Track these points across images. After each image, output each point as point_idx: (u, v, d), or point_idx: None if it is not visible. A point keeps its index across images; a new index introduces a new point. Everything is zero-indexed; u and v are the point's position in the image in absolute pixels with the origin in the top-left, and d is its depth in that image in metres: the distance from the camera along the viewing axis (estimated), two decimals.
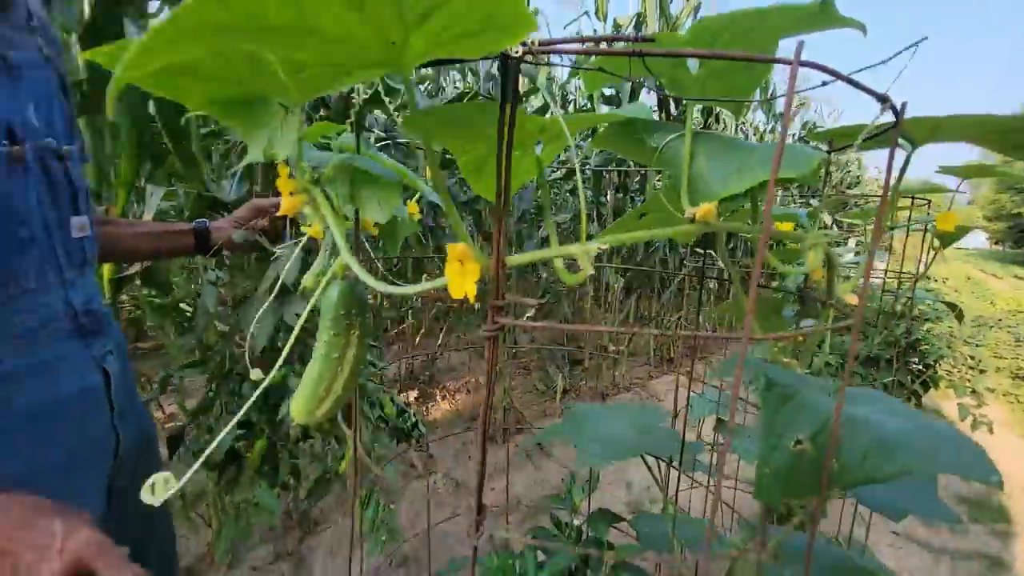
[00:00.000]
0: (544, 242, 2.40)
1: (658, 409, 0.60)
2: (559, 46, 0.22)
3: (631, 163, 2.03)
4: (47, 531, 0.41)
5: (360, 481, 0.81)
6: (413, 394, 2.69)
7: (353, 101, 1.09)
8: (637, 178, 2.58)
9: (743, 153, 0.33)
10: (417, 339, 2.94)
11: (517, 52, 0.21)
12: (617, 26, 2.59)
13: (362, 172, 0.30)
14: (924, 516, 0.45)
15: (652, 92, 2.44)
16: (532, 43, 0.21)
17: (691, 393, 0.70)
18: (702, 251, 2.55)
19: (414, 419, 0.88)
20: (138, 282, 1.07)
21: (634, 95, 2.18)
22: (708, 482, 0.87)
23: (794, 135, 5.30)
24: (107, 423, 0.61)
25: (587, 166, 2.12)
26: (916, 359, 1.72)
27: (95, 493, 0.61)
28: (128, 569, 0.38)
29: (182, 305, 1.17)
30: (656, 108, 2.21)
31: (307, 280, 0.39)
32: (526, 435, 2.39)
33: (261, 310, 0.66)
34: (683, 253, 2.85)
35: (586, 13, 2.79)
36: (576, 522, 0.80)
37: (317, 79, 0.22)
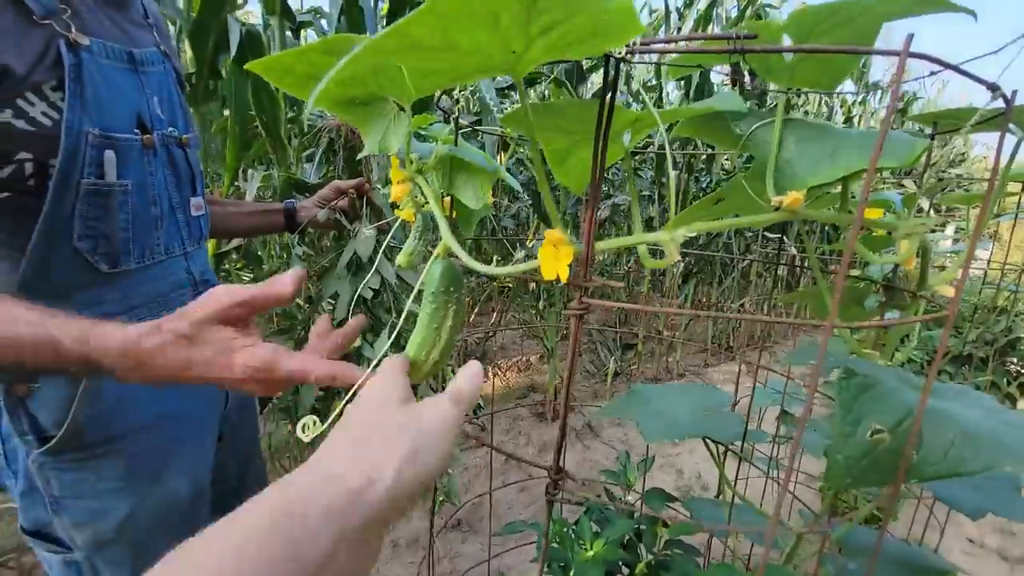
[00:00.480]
0: (601, 228, 2.37)
1: (723, 393, 0.60)
2: (658, 45, 0.23)
3: (697, 143, 1.94)
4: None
5: None
6: None
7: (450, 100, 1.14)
8: (703, 158, 2.46)
9: (836, 139, 0.32)
10: (471, 317, 3.04)
11: (620, 52, 0.22)
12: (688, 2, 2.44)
13: (459, 162, 0.33)
14: (1005, 515, 0.43)
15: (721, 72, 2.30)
16: (634, 43, 0.22)
17: (756, 383, 0.69)
18: (774, 236, 2.41)
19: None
20: (235, 256, 1.19)
21: (703, 76, 2.07)
22: (768, 472, 0.86)
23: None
24: None
25: (650, 147, 2.06)
26: (1015, 359, 1.55)
27: (209, 440, 0.70)
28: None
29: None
30: (728, 83, 2.08)
31: (401, 259, 0.43)
32: (576, 415, 2.43)
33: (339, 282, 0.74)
34: (748, 238, 2.70)
35: None
36: (629, 499, 0.82)
37: (438, 82, 0.24)
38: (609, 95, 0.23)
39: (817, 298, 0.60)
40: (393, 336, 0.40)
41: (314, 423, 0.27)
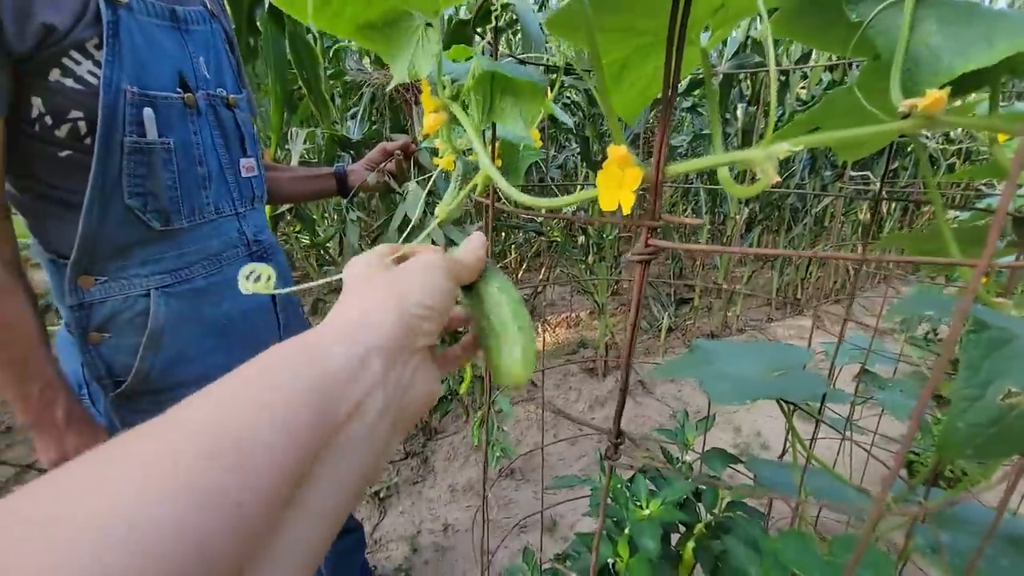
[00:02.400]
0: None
1: (799, 350, 0.54)
2: None
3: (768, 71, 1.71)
4: None
5: (475, 403, 0.88)
6: None
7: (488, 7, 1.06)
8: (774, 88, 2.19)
9: (989, 20, 0.24)
10: (519, 274, 3.02)
11: None
12: None
13: (502, 82, 0.28)
14: None
15: None
16: None
17: (841, 338, 0.62)
18: (856, 174, 2.15)
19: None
20: (289, 217, 1.22)
21: None
22: (845, 434, 0.79)
23: None
24: (275, 335, 0.73)
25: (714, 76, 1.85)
26: None
27: None
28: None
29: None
30: None
31: (439, 211, 0.40)
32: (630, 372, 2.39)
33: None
34: (826, 177, 2.42)
35: None
36: (687, 459, 0.79)
37: None
38: None
39: (925, 240, 0.50)
40: None
41: (268, 277, 0.27)
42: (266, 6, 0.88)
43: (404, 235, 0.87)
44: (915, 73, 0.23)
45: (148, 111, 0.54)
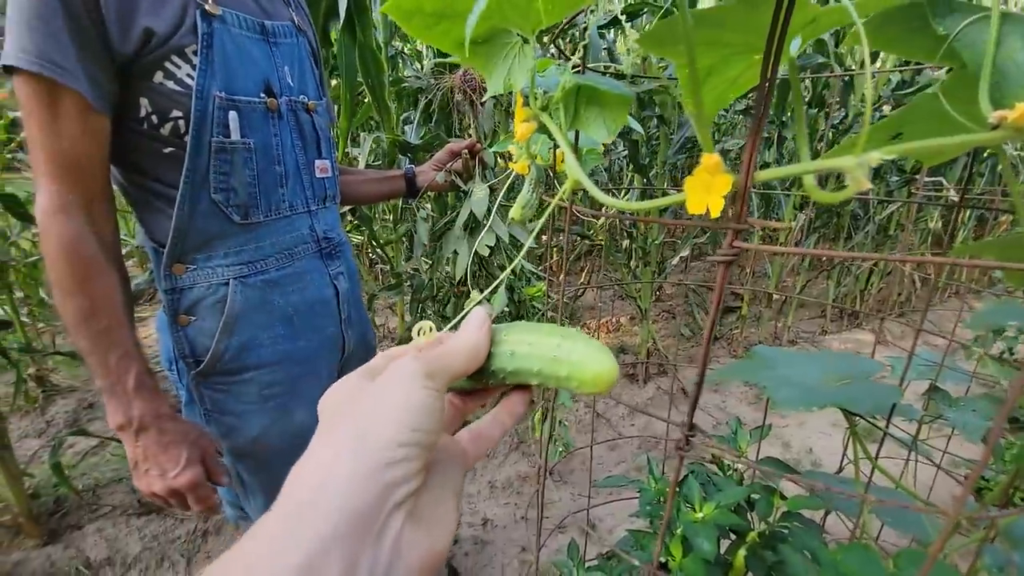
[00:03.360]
0: None
1: (867, 360, 0.53)
2: None
3: (833, 70, 1.64)
4: None
5: (537, 401, 0.90)
6: None
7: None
8: (838, 88, 2.09)
9: None
10: (560, 276, 3.03)
11: None
12: None
13: (587, 93, 0.30)
14: None
15: None
16: None
17: (913, 351, 0.59)
18: (928, 180, 2.01)
19: None
20: (350, 217, 1.29)
21: None
22: (911, 453, 0.75)
23: None
24: (337, 327, 0.77)
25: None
26: None
27: (328, 381, 0.78)
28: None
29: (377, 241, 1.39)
30: None
31: (514, 211, 0.43)
32: (669, 378, 2.35)
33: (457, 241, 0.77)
34: (892, 183, 2.28)
35: None
36: (739, 467, 0.78)
37: (565, 3, 0.22)
38: None
39: (1009, 248, 0.48)
40: (487, 291, 0.40)
41: (430, 329, 0.26)
42: (341, 21, 0.94)
43: (469, 231, 0.91)
44: (1003, 86, 0.23)
45: (233, 114, 0.59)
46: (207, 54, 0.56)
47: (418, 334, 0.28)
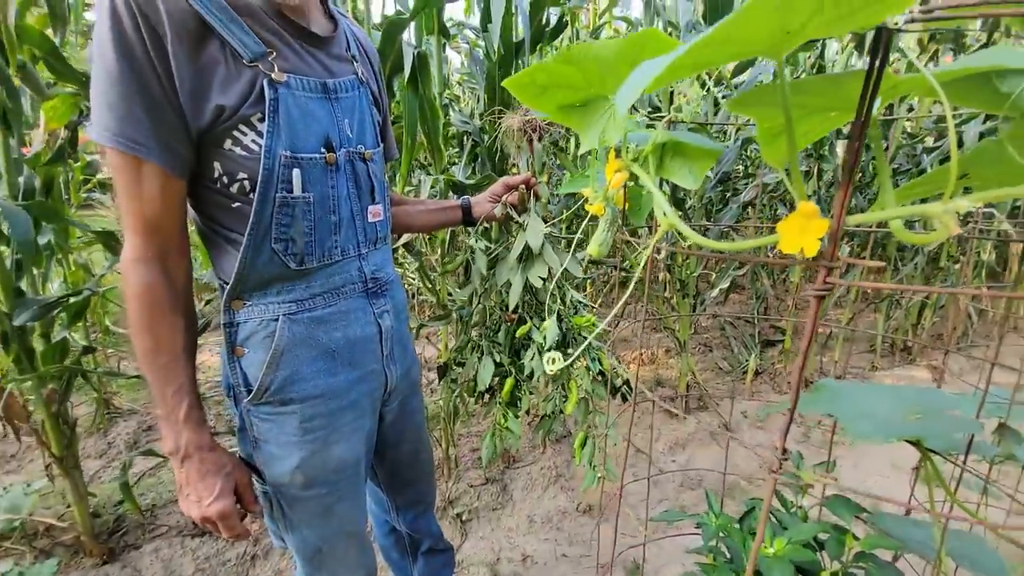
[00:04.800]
0: (744, 210, 2.16)
1: (940, 393, 0.52)
2: (941, 12, 0.22)
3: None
4: None
5: (577, 423, 0.91)
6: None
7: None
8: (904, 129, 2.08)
9: None
10: (596, 306, 3.03)
11: (896, 23, 0.22)
12: None
13: (674, 147, 0.34)
14: None
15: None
16: (911, 11, 0.21)
17: (987, 387, 0.58)
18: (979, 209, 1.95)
19: (625, 377, 0.95)
20: (401, 249, 1.37)
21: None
22: (984, 494, 0.72)
23: None
24: (379, 363, 0.79)
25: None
26: None
27: (370, 413, 0.79)
28: None
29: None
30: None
31: (591, 248, 0.46)
32: (710, 412, 2.28)
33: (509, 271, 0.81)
34: None
35: None
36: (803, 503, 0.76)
37: (683, 74, 0.26)
38: (878, 65, 0.23)
39: None
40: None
41: (560, 358, 0.30)
42: (406, 76, 1.04)
43: (523, 263, 0.96)
44: None
45: (296, 171, 0.63)
46: (274, 118, 0.61)
47: (550, 363, 0.32)
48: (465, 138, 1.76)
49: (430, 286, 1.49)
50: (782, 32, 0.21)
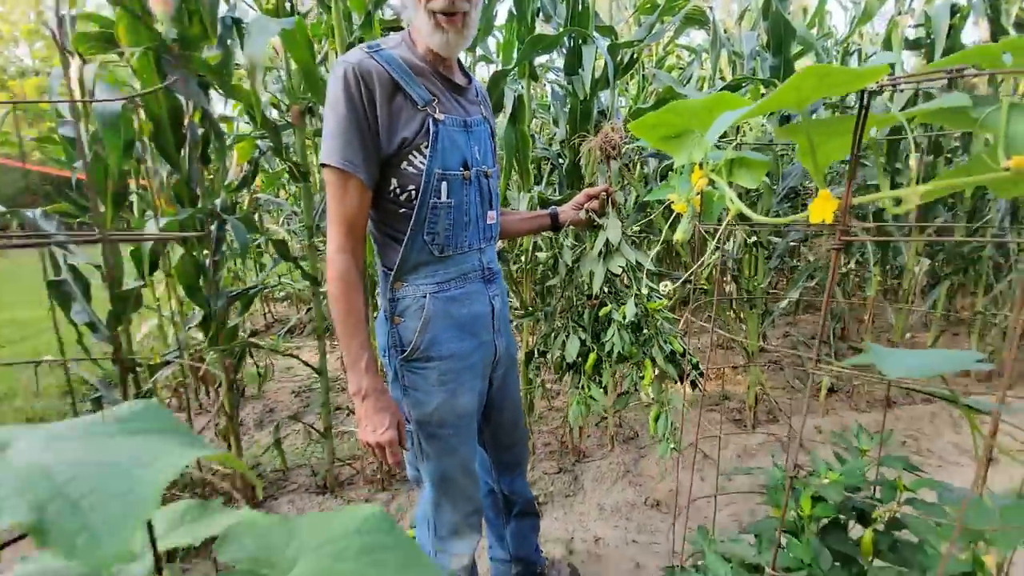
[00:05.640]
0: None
1: (966, 353, 0.64)
2: (901, 78, 0.39)
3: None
4: None
5: (653, 399, 1.07)
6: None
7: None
8: (956, 136, 2.07)
9: None
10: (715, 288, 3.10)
11: (873, 87, 0.40)
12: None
13: (740, 161, 0.53)
14: None
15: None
16: (881, 81, 0.39)
17: None
18: None
19: (694, 360, 1.09)
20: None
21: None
22: None
23: None
24: (491, 336, 1.03)
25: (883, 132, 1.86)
26: None
27: (482, 376, 1.03)
28: None
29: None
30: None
31: (677, 235, 0.65)
32: (780, 425, 2.28)
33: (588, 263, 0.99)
34: None
35: None
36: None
37: (741, 118, 0.46)
38: (864, 113, 0.40)
39: None
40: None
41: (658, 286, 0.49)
42: (507, 115, 1.30)
43: (604, 256, 1.16)
44: (1011, 147, 0.41)
45: (444, 183, 0.89)
46: (434, 146, 0.87)
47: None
48: (543, 162, 2.01)
49: (515, 289, 1.71)
50: (800, 99, 0.39)
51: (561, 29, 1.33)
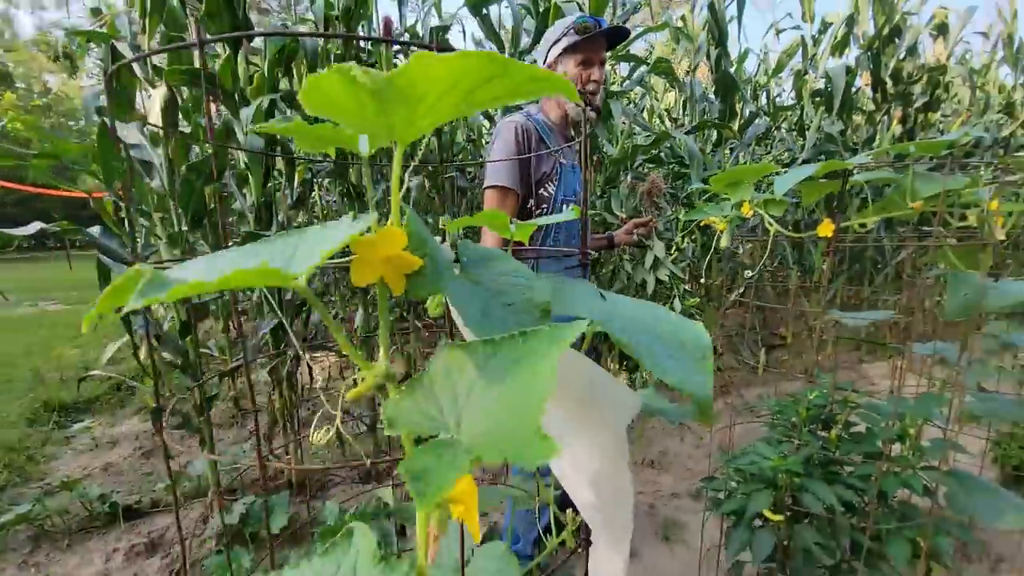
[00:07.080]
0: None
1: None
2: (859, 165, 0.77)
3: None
4: None
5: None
6: None
7: None
8: None
9: (943, 179, 0.81)
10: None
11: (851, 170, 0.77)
12: (825, 25, 2.78)
13: (770, 201, 0.89)
14: None
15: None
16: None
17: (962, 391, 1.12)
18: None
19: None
20: None
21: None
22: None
23: None
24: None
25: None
26: None
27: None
28: None
29: None
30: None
31: (723, 241, 1.01)
32: (735, 396, 2.79)
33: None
34: (901, 232, 2.83)
35: (788, 15, 3.01)
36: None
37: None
38: (845, 184, 0.78)
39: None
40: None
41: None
42: None
43: (652, 267, 1.50)
44: (912, 195, 0.80)
45: (564, 205, 1.25)
46: (558, 180, 1.25)
47: None
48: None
49: None
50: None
51: None
